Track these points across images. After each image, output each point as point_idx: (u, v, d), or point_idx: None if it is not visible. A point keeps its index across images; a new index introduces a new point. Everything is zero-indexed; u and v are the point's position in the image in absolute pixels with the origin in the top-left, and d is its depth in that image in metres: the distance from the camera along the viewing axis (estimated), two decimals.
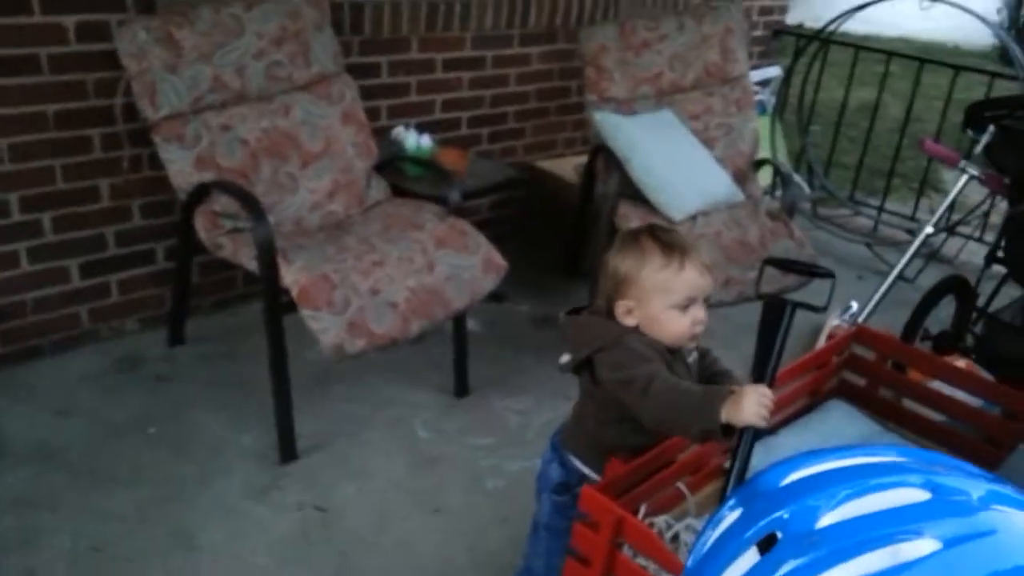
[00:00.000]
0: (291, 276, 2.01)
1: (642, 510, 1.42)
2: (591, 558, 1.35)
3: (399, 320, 2.10)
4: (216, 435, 2.28)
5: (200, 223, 2.26)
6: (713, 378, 1.50)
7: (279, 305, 2.08)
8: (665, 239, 1.42)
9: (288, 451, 2.19)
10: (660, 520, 1.43)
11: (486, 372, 2.62)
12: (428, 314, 2.16)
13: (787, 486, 0.73)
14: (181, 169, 2.23)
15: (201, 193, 2.24)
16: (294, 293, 2.00)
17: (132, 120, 2.37)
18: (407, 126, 2.77)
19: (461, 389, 2.54)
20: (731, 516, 0.75)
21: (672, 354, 1.43)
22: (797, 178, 3.72)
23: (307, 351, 2.48)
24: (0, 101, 2.21)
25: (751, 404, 1.21)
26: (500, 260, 2.35)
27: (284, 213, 2.36)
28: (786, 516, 0.69)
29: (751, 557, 0.69)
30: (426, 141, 2.70)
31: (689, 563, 0.76)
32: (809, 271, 1.50)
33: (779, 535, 0.69)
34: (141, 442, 2.23)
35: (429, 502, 2.13)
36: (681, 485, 1.53)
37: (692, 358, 1.49)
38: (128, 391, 2.43)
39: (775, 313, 1.33)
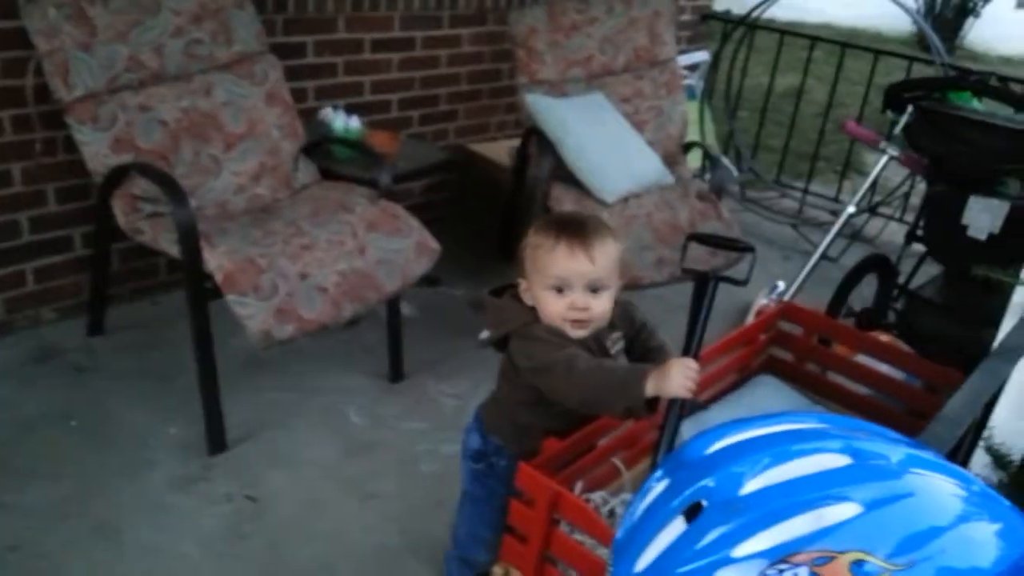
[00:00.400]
0: (215, 261, 1.95)
1: (578, 486, 1.43)
2: (528, 534, 1.35)
3: (329, 304, 2.06)
4: (141, 427, 2.20)
5: (118, 207, 2.17)
6: (648, 354, 1.52)
7: (203, 291, 2.01)
8: (558, 220, 1.46)
9: (216, 441, 2.13)
10: (596, 496, 1.44)
11: (421, 356, 2.59)
12: (360, 298, 2.13)
13: (712, 454, 0.73)
14: (96, 152, 2.13)
15: (118, 176, 2.15)
16: (218, 278, 1.94)
17: (44, 102, 2.25)
18: (335, 107, 2.71)
19: (396, 374, 2.52)
20: (658, 487, 0.75)
21: (585, 342, 1.43)
22: (725, 161, 3.77)
23: (232, 338, 2.40)
24: None
25: (677, 375, 1.28)
26: (433, 243, 2.33)
27: (207, 196, 2.28)
28: (711, 484, 0.70)
29: (678, 526, 0.70)
30: (355, 123, 2.64)
31: (619, 534, 0.76)
32: (730, 245, 1.54)
33: (705, 503, 0.70)
34: (61, 436, 2.14)
35: (362, 488, 2.10)
36: (616, 461, 1.55)
37: (617, 347, 1.50)
38: (46, 383, 2.32)
39: (700, 287, 1.36)
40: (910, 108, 2.44)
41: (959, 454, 1.45)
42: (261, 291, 1.95)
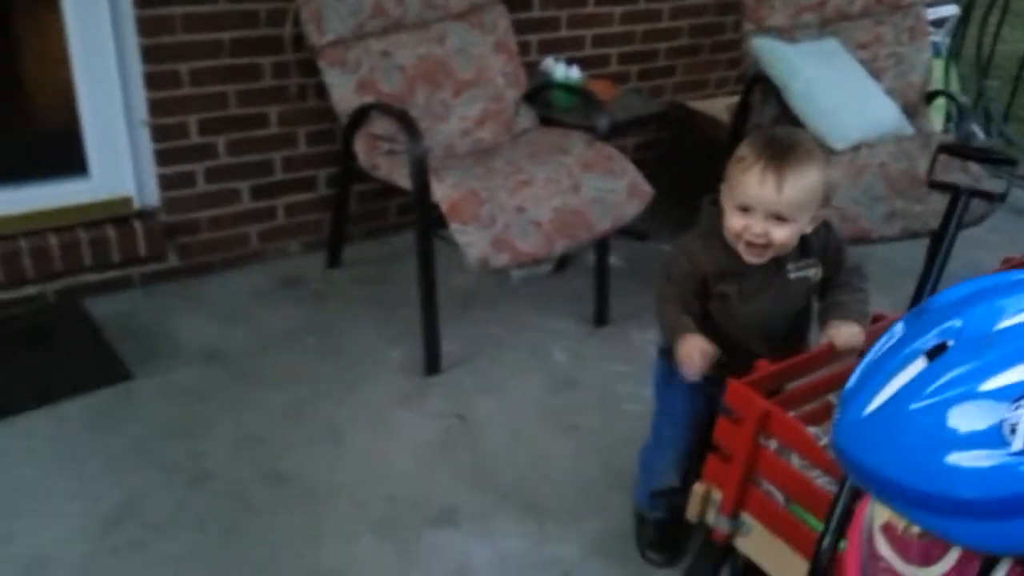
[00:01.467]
0: (441, 191, 2.07)
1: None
2: (733, 453, 1.32)
3: (543, 239, 2.11)
4: (367, 348, 2.39)
5: (359, 146, 2.37)
6: (826, 310, 1.53)
7: (430, 220, 2.14)
8: (769, 137, 1.41)
9: (432, 365, 2.27)
10: (809, 431, 1.38)
11: (626, 306, 2.59)
12: (571, 235, 2.17)
13: (962, 298, 0.67)
14: (343, 93, 2.33)
15: (361, 116, 2.34)
16: (444, 208, 2.06)
17: (300, 50, 2.50)
18: (556, 59, 2.77)
19: (600, 319, 2.54)
20: (897, 334, 0.70)
21: (741, 268, 1.46)
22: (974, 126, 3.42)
23: (453, 278, 2.58)
24: (183, 28, 2.39)
25: (682, 351, 1.42)
26: (645, 186, 2.32)
27: (436, 139, 2.42)
28: (959, 324, 0.64)
29: (918, 365, 0.65)
30: (575, 72, 2.69)
31: (849, 384, 0.72)
32: (986, 157, 1.41)
33: (951, 343, 0.64)
34: (299, 350, 2.38)
35: (565, 420, 2.15)
36: (833, 399, 1.47)
37: (801, 274, 1.49)
38: (289, 305, 2.59)
39: (950, 205, 1.26)
40: None
41: None
42: (481, 221, 2.04)
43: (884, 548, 0.86)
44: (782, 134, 1.42)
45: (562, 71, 2.68)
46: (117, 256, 2.52)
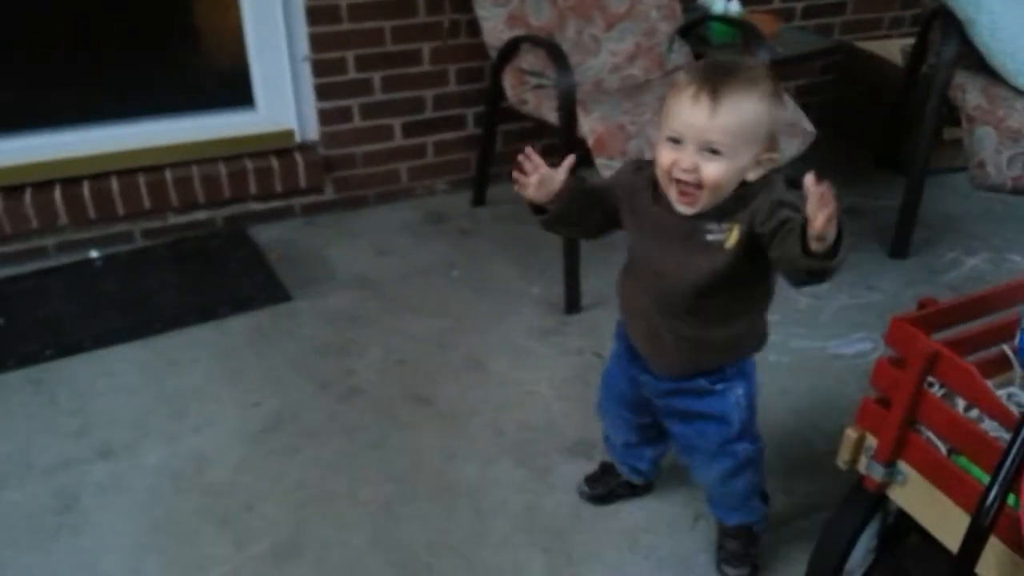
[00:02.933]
0: (588, 125, 2.03)
1: None
2: (893, 398, 1.24)
3: None
4: (509, 283, 2.42)
5: (507, 81, 2.36)
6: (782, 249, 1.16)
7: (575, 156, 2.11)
8: (714, 62, 1.22)
9: (572, 303, 2.27)
10: None
11: None
12: None
13: None
14: (494, 26, 2.33)
15: (510, 51, 2.33)
16: (590, 142, 2.03)
17: None
18: None
19: None
20: None
21: (654, 214, 1.27)
22: None
23: None
24: None
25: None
26: (808, 125, 2.19)
27: (585, 74, 2.38)
28: None
29: None
30: (735, 6, 2.56)
31: None
32: None
33: None
34: (444, 282, 2.44)
35: None
36: (1007, 348, 1.35)
37: (720, 238, 1.21)
38: (436, 240, 2.65)
39: None
40: None
41: None
42: (628, 155, 1.99)
43: None
44: (727, 58, 1.25)
45: (721, 4, 2.56)
46: (279, 186, 2.67)
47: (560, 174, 1.30)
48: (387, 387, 2.00)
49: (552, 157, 2.65)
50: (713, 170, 1.16)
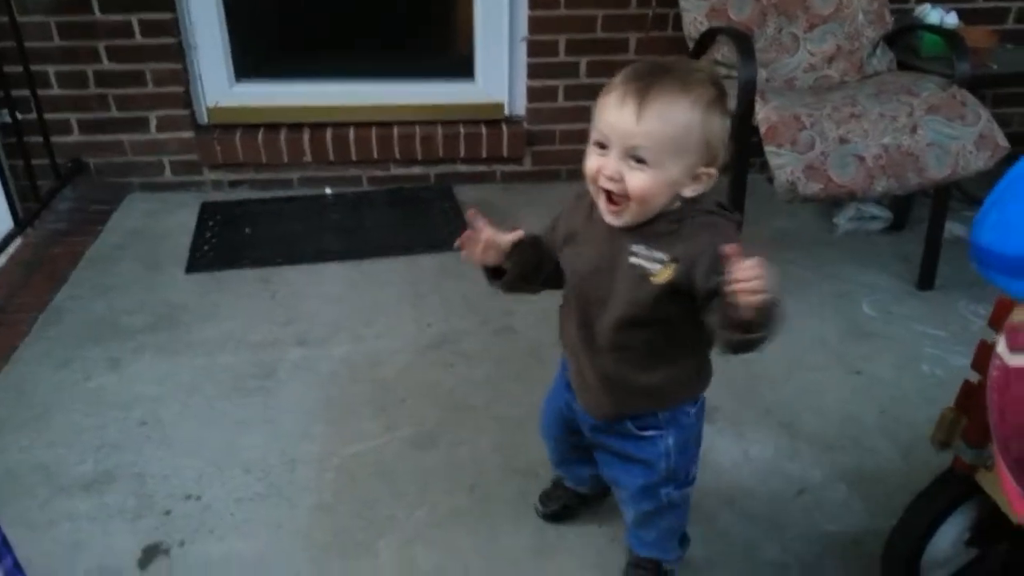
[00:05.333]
0: (763, 113, 2.11)
1: None
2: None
3: (863, 174, 2.06)
4: None
5: None
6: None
7: (748, 146, 2.20)
8: (641, 63, 1.10)
9: None
10: None
11: (959, 275, 2.40)
12: (897, 175, 2.08)
13: None
14: (694, 18, 2.47)
15: (706, 42, 2.45)
16: (762, 130, 2.10)
17: None
18: (933, 4, 2.59)
19: (925, 282, 2.39)
20: None
21: (589, 232, 1.18)
22: None
23: (774, 219, 2.63)
24: None
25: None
26: (1001, 140, 2.11)
27: (777, 71, 2.45)
28: None
29: None
30: (952, 18, 2.50)
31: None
32: None
33: None
34: None
35: (852, 364, 2.10)
36: None
37: (645, 269, 1.11)
38: None
39: None
40: None
41: None
42: (797, 145, 2.05)
43: (1000, 346, 0.93)
44: (665, 59, 1.11)
45: (937, 15, 2.51)
46: (485, 152, 2.98)
47: (506, 238, 1.20)
48: (538, 331, 2.21)
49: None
50: (639, 181, 1.06)
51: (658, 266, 1.09)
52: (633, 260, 1.11)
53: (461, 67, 2.95)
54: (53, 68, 2.74)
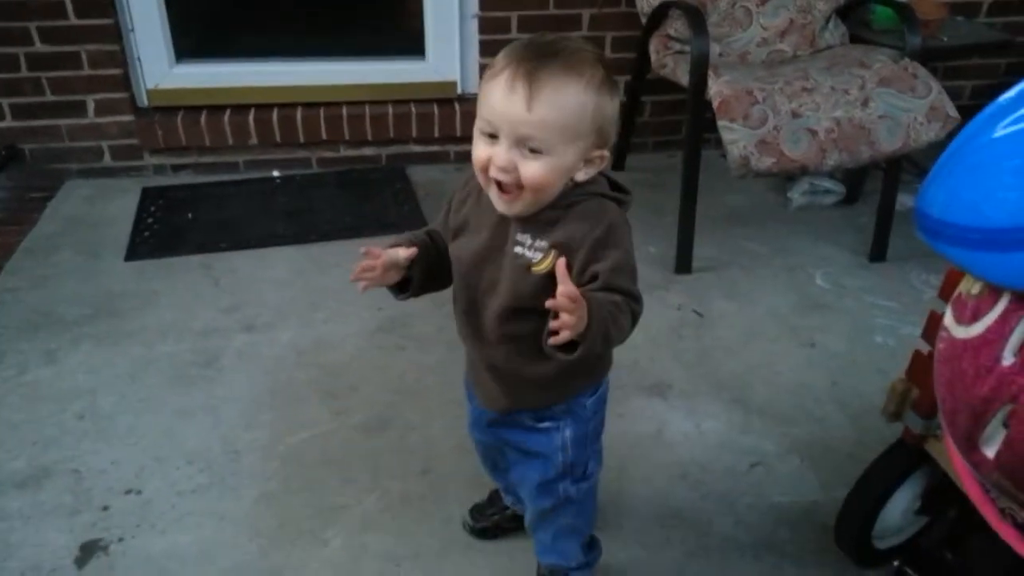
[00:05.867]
0: (716, 88, 2.09)
1: None
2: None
3: (815, 148, 2.05)
4: None
5: (653, 46, 2.46)
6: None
7: (701, 120, 2.18)
8: (526, 41, 1.02)
9: (683, 264, 2.34)
10: None
11: (911, 247, 2.41)
12: (848, 149, 2.07)
13: None
14: None
15: (660, 17, 2.42)
16: (715, 104, 2.08)
17: None
18: None
19: (877, 254, 2.40)
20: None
21: (479, 220, 1.10)
22: None
23: (727, 196, 2.62)
24: None
25: None
26: (951, 111, 2.12)
27: (731, 45, 2.43)
28: None
29: None
30: None
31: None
32: None
33: None
34: None
35: (805, 336, 2.10)
36: None
37: (529, 256, 1.05)
38: None
39: None
40: None
41: None
42: (750, 120, 2.04)
43: (947, 318, 0.94)
44: (551, 38, 1.02)
45: None
46: (438, 132, 2.92)
47: (403, 253, 1.12)
48: None
49: (679, 114, 2.69)
50: (534, 170, 0.99)
51: (539, 255, 1.04)
52: (517, 249, 1.06)
53: (411, 45, 2.88)
54: None
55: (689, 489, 1.65)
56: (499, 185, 1.02)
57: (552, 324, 0.93)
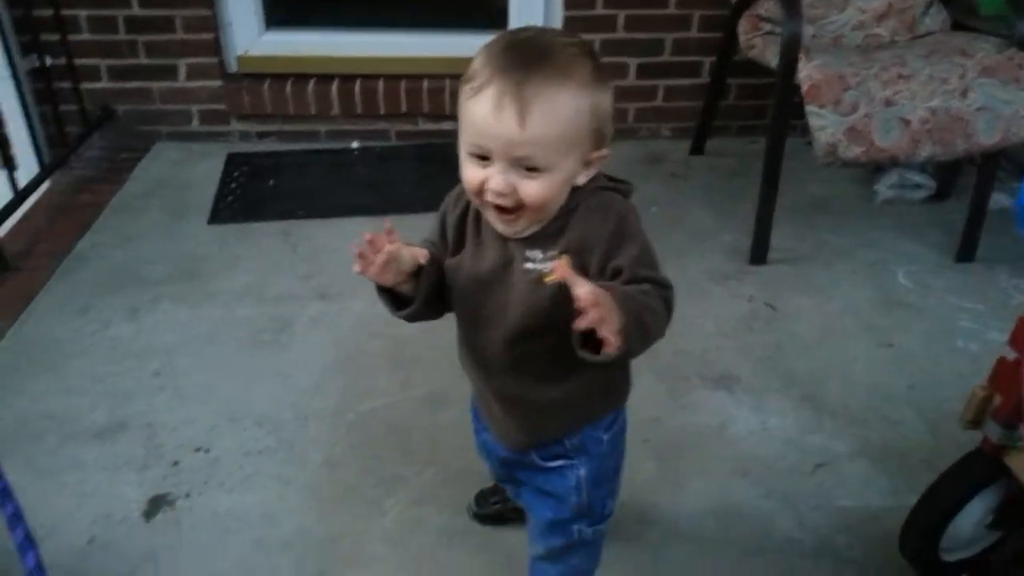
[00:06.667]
0: (806, 71, 2.01)
1: None
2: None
3: (907, 139, 1.96)
4: (703, 227, 2.47)
5: (742, 26, 2.38)
6: None
7: (787, 104, 2.10)
8: (504, 44, 0.92)
9: (758, 255, 2.27)
10: None
11: (1003, 248, 2.29)
12: (943, 141, 1.97)
13: None
14: None
15: None
16: (804, 88, 2.00)
17: None
18: None
19: (965, 254, 2.28)
20: None
21: (481, 236, 1.01)
22: None
23: (811, 185, 2.54)
24: None
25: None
26: None
27: (825, 28, 2.34)
28: None
29: None
30: None
31: None
32: None
33: None
34: (643, 215, 2.50)
35: (883, 336, 2.02)
36: None
37: (538, 270, 0.97)
38: (646, 179, 2.75)
39: None
40: None
41: None
42: (840, 106, 1.95)
43: None
44: (529, 36, 0.93)
45: None
46: None
47: (411, 254, 1.01)
48: None
49: (765, 99, 2.62)
50: (535, 189, 0.92)
51: (550, 263, 0.96)
52: (528, 266, 0.98)
53: (495, 18, 2.87)
54: (84, 12, 2.72)
55: (750, 486, 1.61)
56: (498, 207, 0.94)
57: (579, 324, 0.82)
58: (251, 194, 2.63)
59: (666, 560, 1.46)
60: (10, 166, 2.44)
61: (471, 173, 0.93)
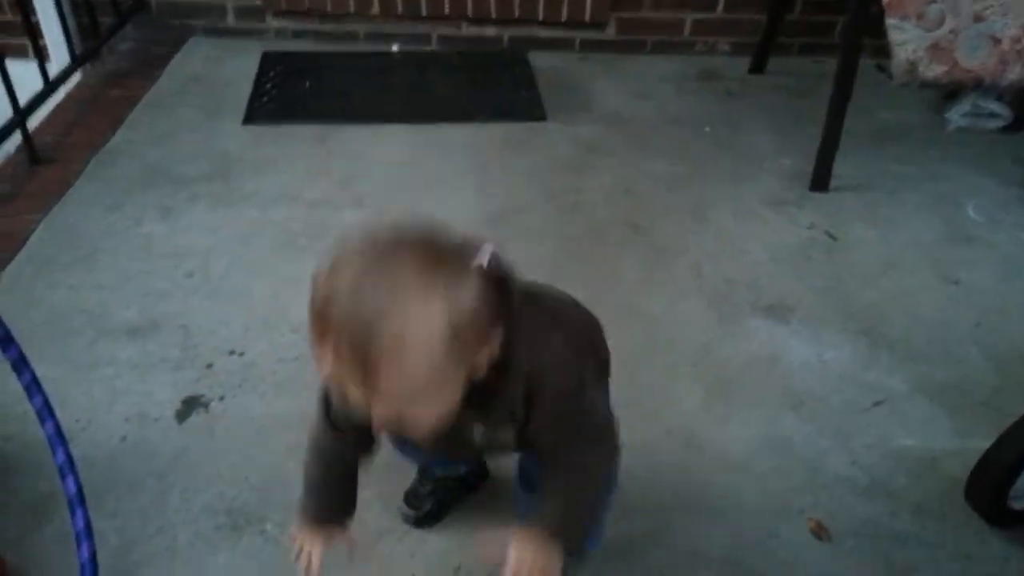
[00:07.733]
0: None
1: None
2: None
3: (995, 59, 1.81)
4: (759, 150, 2.34)
5: None
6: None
7: (863, 17, 1.94)
8: (339, 305, 0.77)
9: (820, 181, 2.15)
10: None
11: None
12: None
13: None
14: None
15: None
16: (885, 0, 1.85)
17: None
18: None
19: None
20: None
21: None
22: None
23: (881, 112, 2.38)
24: None
25: None
26: None
27: None
28: None
29: None
30: None
31: None
32: None
33: None
34: (694, 136, 2.41)
35: (948, 272, 1.91)
36: None
37: (489, 437, 0.98)
38: (700, 96, 2.62)
39: None
40: None
41: None
42: (924, 20, 1.80)
43: None
44: (361, 288, 0.76)
45: None
46: (565, 15, 2.75)
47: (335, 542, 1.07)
48: (607, 210, 2.07)
49: (833, 15, 2.42)
50: (423, 429, 0.84)
51: (506, 434, 0.97)
52: (480, 438, 0.98)
53: None
54: None
55: (802, 421, 1.53)
56: None
57: None
58: (287, 95, 2.53)
59: (710, 486, 1.40)
60: (41, 56, 2.36)
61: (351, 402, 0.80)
